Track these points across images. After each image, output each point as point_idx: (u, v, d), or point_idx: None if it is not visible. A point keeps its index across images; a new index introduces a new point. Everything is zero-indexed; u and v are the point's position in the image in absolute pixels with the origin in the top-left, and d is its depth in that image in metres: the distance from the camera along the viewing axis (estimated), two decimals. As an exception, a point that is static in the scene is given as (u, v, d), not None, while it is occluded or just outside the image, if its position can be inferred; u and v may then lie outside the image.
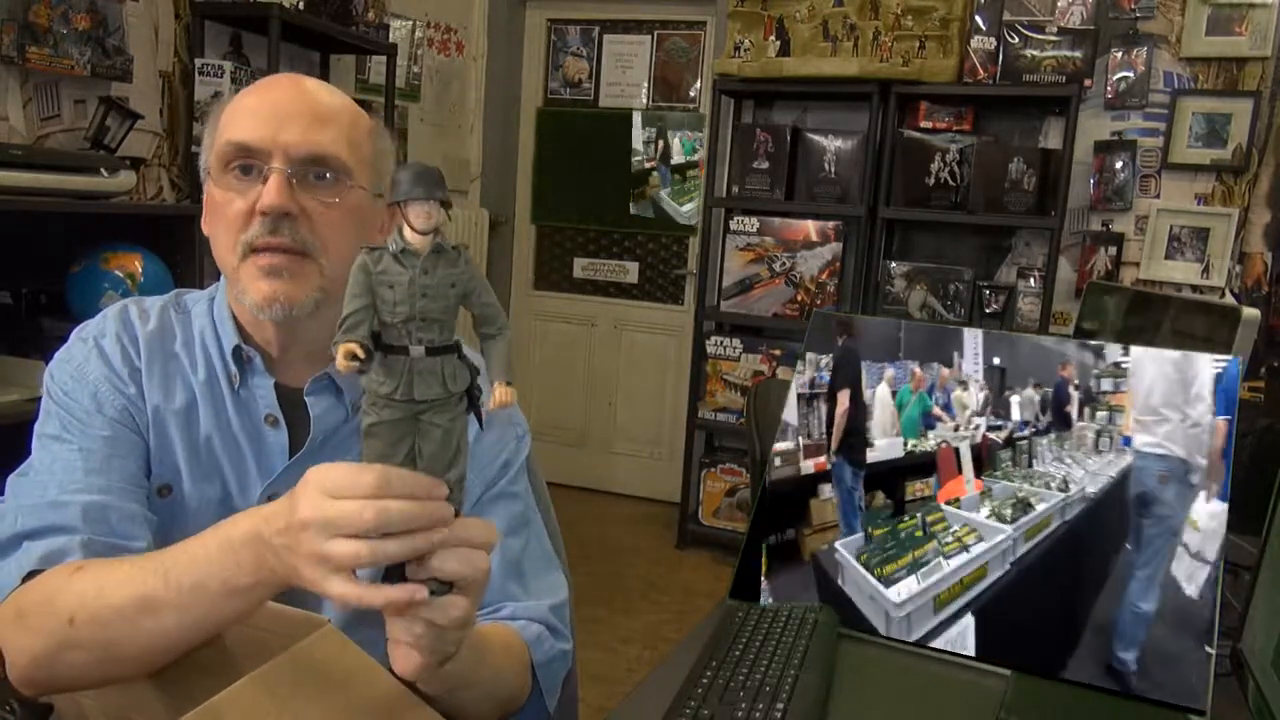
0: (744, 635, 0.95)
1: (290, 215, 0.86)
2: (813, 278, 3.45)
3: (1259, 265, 3.10)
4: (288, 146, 0.87)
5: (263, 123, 0.87)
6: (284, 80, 0.93)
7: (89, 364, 0.91)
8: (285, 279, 0.87)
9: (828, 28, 3.36)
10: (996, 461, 1.11)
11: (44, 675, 0.77)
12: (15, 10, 2.12)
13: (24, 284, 2.12)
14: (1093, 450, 1.07)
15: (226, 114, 0.91)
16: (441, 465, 0.65)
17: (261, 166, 0.87)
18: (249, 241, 0.87)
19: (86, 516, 0.84)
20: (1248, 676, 0.89)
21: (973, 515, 1.08)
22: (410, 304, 0.61)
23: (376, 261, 0.62)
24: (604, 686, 2.48)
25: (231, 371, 0.93)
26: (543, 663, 0.92)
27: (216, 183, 0.89)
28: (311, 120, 0.89)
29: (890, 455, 1.15)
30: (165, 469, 0.91)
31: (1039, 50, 3.18)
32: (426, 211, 0.61)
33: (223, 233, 0.89)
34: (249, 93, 0.92)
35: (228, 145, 0.88)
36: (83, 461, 0.87)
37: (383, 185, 0.96)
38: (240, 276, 0.89)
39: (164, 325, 0.96)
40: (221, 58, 2.70)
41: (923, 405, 1.17)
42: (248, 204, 0.87)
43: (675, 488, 3.80)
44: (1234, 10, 3.04)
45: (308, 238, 0.88)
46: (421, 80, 3.76)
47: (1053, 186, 3.16)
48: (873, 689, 0.94)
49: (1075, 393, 1.10)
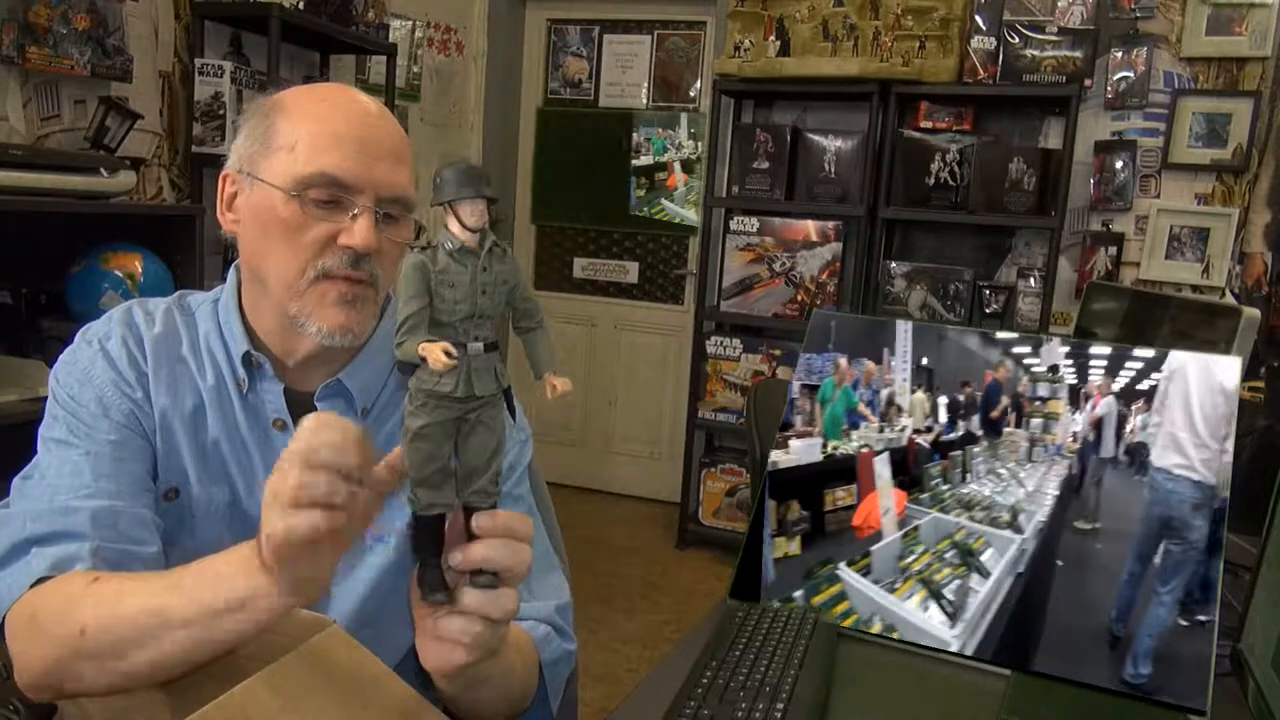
0: (744, 635, 0.95)
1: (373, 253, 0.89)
2: (813, 278, 3.45)
3: (1259, 265, 3.10)
4: (378, 186, 0.88)
5: (353, 157, 0.88)
6: (357, 105, 0.92)
7: (95, 367, 0.91)
8: (357, 308, 0.90)
9: (828, 28, 3.36)
10: (925, 478, 1.05)
11: (52, 684, 0.77)
12: (15, 10, 2.12)
13: (24, 284, 2.12)
14: (1025, 459, 1.05)
15: (297, 130, 0.88)
16: (484, 460, 0.65)
17: (350, 201, 0.88)
18: (327, 269, 0.88)
19: (96, 522, 0.83)
20: (1248, 676, 0.89)
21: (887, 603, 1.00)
22: (471, 301, 0.62)
23: (435, 262, 0.62)
24: (604, 686, 2.48)
25: (240, 376, 0.94)
26: (549, 663, 0.93)
27: (297, 202, 0.87)
28: (395, 160, 0.91)
29: (807, 459, 1.08)
30: (172, 473, 0.91)
31: (1039, 50, 3.18)
32: (479, 210, 0.62)
33: (287, 250, 0.88)
34: (328, 117, 0.90)
35: (318, 175, 0.87)
36: (90, 466, 0.86)
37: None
38: (306, 298, 0.89)
39: (170, 329, 0.96)
40: (221, 58, 2.70)
41: (847, 402, 1.10)
42: (329, 232, 0.88)
43: (675, 488, 3.80)
44: (1234, 10, 3.04)
45: (376, 270, 0.90)
46: (421, 80, 3.75)
47: (1053, 186, 3.16)
48: (873, 689, 0.95)
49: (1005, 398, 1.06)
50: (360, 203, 0.88)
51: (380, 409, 0.98)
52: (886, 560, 1.04)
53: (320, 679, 0.71)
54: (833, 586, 1.05)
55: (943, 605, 1.00)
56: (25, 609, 0.79)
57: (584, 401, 4.30)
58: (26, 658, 0.78)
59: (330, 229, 0.88)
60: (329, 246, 0.88)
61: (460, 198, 0.61)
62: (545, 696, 0.92)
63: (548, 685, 0.92)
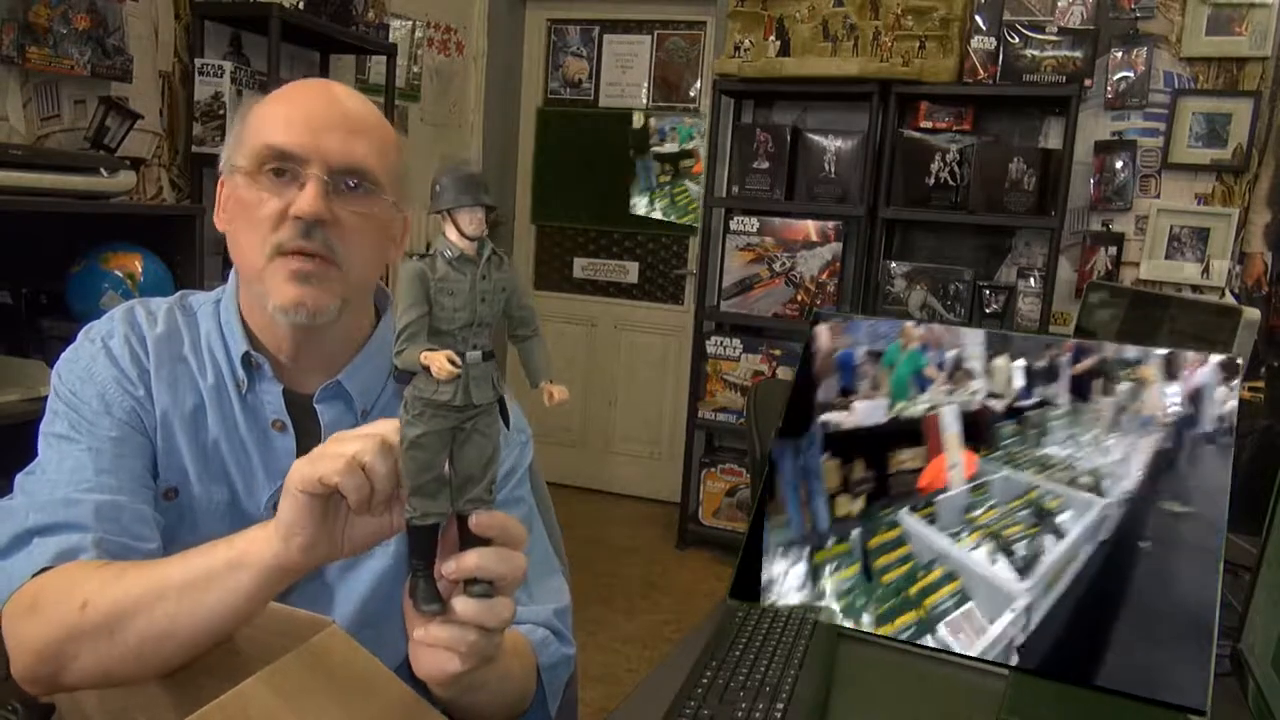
0: (744, 635, 0.95)
1: (324, 222, 0.87)
2: (813, 278, 3.45)
3: (1259, 265, 3.10)
4: (327, 155, 0.88)
5: (302, 129, 0.88)
6: (319, 87, 0.94)
7: (96, 364, 0.92)
8: (313, 284, 0.88)
9: (828, 28, 3.36)
10: (996, 438, 1.01)
11: (48, 671, 0.77)
12: (15, 10, 2.12)
13: (24, 284, 2.12)
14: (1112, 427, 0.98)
15: (260, 115, 0.91)
16: (479, 468, 0.65)
17: (298, 171, 0.88)
18: (280, 244, 0.88)
19: (99, 515, 0.84)
20: (1248, 676, 0.89)
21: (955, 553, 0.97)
22: (470, 309, 0.62)
23: (434, 269, 0.62)
24: (604, 686, 2.48)
25: (240, 377, 0.94)
26: (547, 666, 0.93)
27: (250, 182, 0.89)
28: (349, 131, 0.90)
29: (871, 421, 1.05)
30: (172, 472, 0.92)
31: (1039, 50, 3.18)
32: (478, 218, 0.61)
33: (249, 232, 0.89)
34: (284, 97, 0.93)
35: (266, 148, 0.88)
36: (93, 461, 0.87)
37: (404, 197, 0.97)
38: (265, 277, 0.89)
39: (171, 328, 0.96)
40: (221, 58, 2.70)
41: (915, 364, 1.08)
42: (281, 206, 0.87)
43: (675, 488, 3.80)
44: (1234, 10, 3.04)
45: (336, 246, 0.89)
46: (421, 80, 3.75)
47: (1053, 186, 3.16)
48: (873, 689, 0.94)
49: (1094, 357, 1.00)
50: (308, 172, 0.87)
51: (379, 411, 0.97)
52: (952, 510, 1.00)
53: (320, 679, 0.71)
54: (891, 531, 1.02)
55: (1012, 560, 0.96)
56: (25, 597, 0.79)
57: (584, 402, 4.30)
58: (23, 643, 0.78)
59: (283, 203, 0.88)
60: (283, 221, 0.88)
61: (458, 205, 0.61)
62: (544, 699, 0.92)
63: (546, 689, 0.92)
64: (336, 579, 0.94)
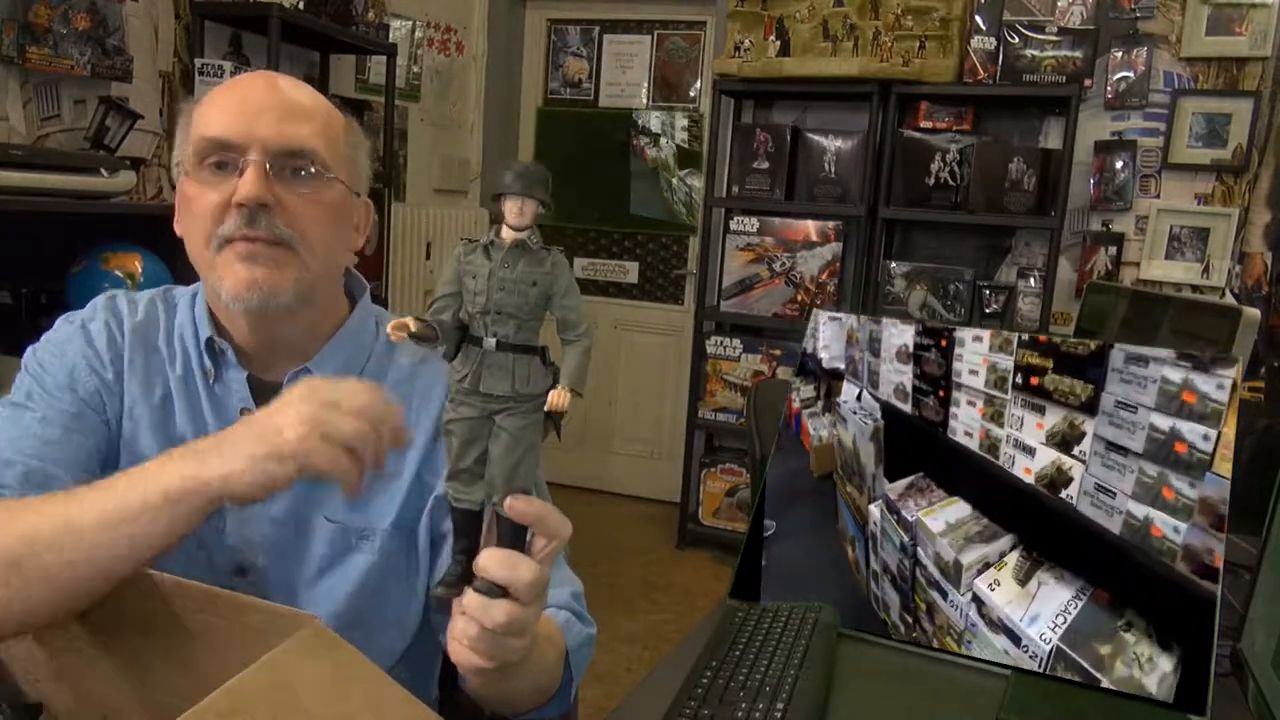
0: (744, 635, 0.95)
1: (267, 207, 0.85)
2: (813, 278, 3.45)
3: (1259, 265, 3.10)
4: (265, 139, 0.86)
5: (237, 117, 0.87)
6: (256, 77, 0.92)
7: (71, 344, 0.92)
8: (263, 264, 0.86)
9: (828, 28, 3.36)
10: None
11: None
12: (15, 10, 2.12)
13: (24, 284, 2.12)
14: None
15: (198, 112, 0.90)
16: (504, 471, 0.64)
17: (238, 160, 0.86)
18: (225, 235, 0.86)
19: (26, 480, 0.84)
20: (1248, 676, 0.89)
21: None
22: (487, 295, 0.63)
23: (468, 251, 0.64)
24: (604, 686, 2.48)
25: (207, 365, 0.93)
26: (574, 648, 0.92)
27: (191, 178, 0.88)
28: (286, 114, 0.88)
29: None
30: (132, 461, 0.90)
31: (1039, 50, 3.17)
32: (518, 207, 0.62)
33: (196, 227, 0.88)
34: (221, 90, 0.91)
35: (202, 141, 0.87)
36: (40, 430, 0.87)
37: (360, 183, 0.96)
38: (216, 266, 0.87)
39: (150, 318, 0.96)
40: (221, 58, 2.70)
41: None
42: (223, 197, 0.86)
43: (675, 488, 3.80)
44: (1234, 10, 3.04)
45: (286, 231, 0.87)
46: (421, 80, 3.76)
47: (1053, 186, 3.16)
48: (873, 689, 0.94)
49: None
50: (247, 158, 0.86)
51: None
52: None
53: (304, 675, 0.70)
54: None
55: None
56: None
57: (584, 401, 4.27)
58: None
59: (225, 193, 0.86)
60: (226, 211, 0.86)
61: (507, 193, 0.62)
62: (569, 680, 0.92)
63: (573, 670, 0.92)
64: (315, 578, 0.93)
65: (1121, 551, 0.96)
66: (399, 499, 0.94)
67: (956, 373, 1.10)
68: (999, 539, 1.03)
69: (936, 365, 1.11)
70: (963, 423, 1.09)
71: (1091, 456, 1.00)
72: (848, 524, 1.13)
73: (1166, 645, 0.93)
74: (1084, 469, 1.01)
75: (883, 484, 1.11)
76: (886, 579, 1.08)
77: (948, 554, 1.05)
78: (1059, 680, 0.95)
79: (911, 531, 1.08)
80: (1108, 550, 0.97)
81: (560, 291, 0.65)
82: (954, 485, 1.08)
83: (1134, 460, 0.98)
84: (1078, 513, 1.00)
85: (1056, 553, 1.00)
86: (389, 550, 0.94)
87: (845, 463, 1.15)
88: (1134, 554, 0.95)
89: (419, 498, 0.95)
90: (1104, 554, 0.98)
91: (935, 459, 1.10)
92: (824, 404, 1.19)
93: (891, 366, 1.15)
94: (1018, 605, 1.00)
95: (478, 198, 4.13)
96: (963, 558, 1.04)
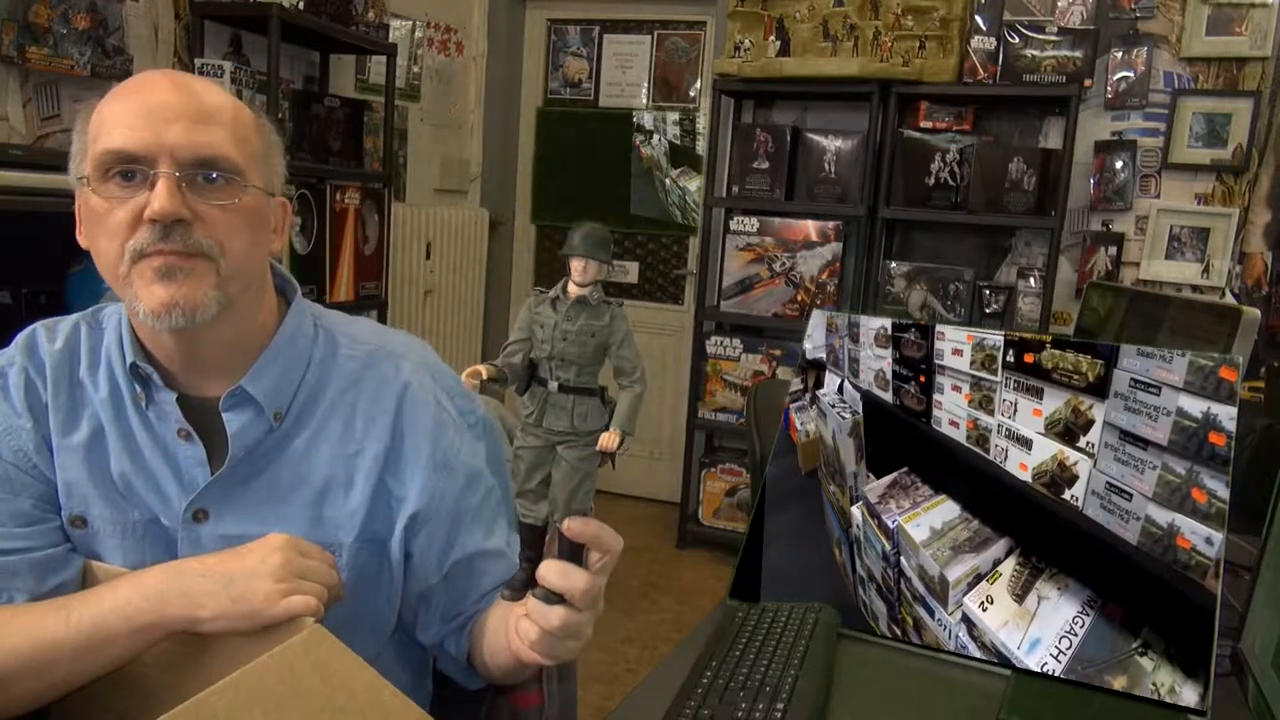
0: (744, 635, 0.95)
1: (182, 221, 0.81)
2: (813, 278, 3.45)
3: (1259, 265, 3.10)
4: (174, 149, 0.81)
5: (143, 126, 0.81)
6: (157, 78, 0.86)
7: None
8: (180, 280, 0.82)
9: (828, 28, 3.36)
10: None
11: None
12: (15, 10, 2.12)
13: (24, 284, 2.12)
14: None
15: (100, 118, 0.84)
16: (564, 494, 0.72)
17: (147, 171, 0.81)
18: (138, 249, 0.82)
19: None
20: (1248, 676, 0.89)
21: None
22: (551, 344, 0.67)
23: (538, 303, 0.69)
24: (604, 686, 2.48)
25: (137, 391, 0.89)
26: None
27: (96, 191, 0.83)
28: (195, 120, 0.83)
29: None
30: (75, 501, 0.89)
31: (1039, 50, 3.17)
32: (582, 266, 0.67)
33: (106, 242, 0.84)
34: (122, 93, 0.85)
35: (107, 153, 0.81)
36: None
37: (274, 183, 0.91)
38: (132, 283, 0.83)
39: (70, 348, 0.92)
40: (221, 58, 2.70)
41: None
42: (133, 211, 0.81)
43: (675, 488, 3.80)
44: (1234, 10, 3.04)
45: (203, 242, 0.83)
46: (421, 80, 3.75)
47: (1053, 186, 3.16)
48: (873, 689, 0.94)
49: None
50: (157, 170, 0.81)
51: (296, 416, 0.92)
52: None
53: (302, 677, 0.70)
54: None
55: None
56: None
57: (584, 401, 4.29)
58: None
59: (135, 206, 0.81)
60: (138, 225, 0.82)
61: (572, 254, 0.68)
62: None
63: None
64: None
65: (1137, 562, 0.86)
66: (360, 512, 0.91)
67: (938, 353, 0.97)
68: (991, 545, 0.93)
69: (916, 347, 1.00)
70: (947, 411, 0.96)
71: (1101, 449, 0.86)
72: (833, 525, 1.09)
73: (1192, 671, 0.83)
74: (1092, 464, 0.87)
75: (864, 484, 1.03)
76: (872, 587, 1.02)
77: (932, 568, 0.96)
78: (1059, 680, 0.95)
79: (894, 540, 0.99)
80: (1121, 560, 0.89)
81: (616, 342, 0.70)
82: (941, 481, 0.98)
83: (1156, 454, 0.84)
84: (1084, 517, 0.89)
85: (1059, 558, 0.91)
86: (358, 564, 0.91)
87: (827, 460, 1.10)
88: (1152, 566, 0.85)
89: (386, 508, 0.93)
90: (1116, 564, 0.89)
91: (920, 453, 1.00)
92: (810, 397, 1.15)
93: (870, 352, 1.07)
94: (1014, 628, 0.91)
95: (478, 198, 4.13)
96: (949, 573, 0.95)
